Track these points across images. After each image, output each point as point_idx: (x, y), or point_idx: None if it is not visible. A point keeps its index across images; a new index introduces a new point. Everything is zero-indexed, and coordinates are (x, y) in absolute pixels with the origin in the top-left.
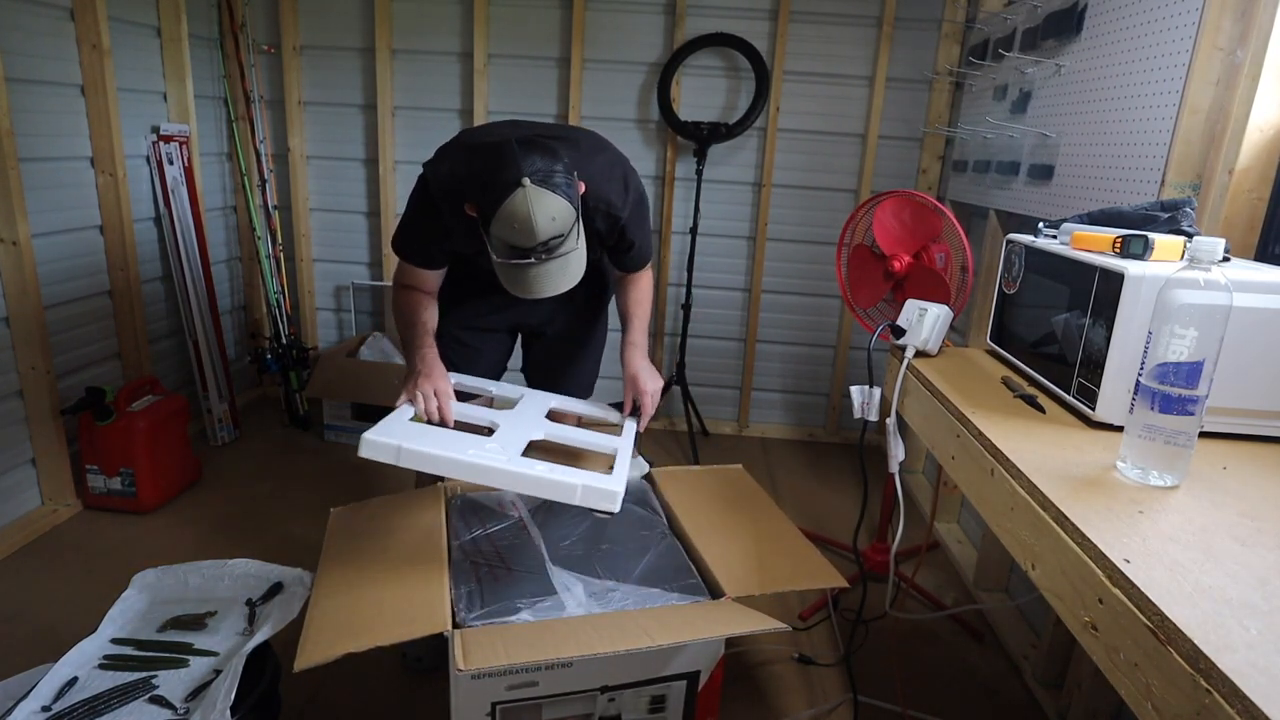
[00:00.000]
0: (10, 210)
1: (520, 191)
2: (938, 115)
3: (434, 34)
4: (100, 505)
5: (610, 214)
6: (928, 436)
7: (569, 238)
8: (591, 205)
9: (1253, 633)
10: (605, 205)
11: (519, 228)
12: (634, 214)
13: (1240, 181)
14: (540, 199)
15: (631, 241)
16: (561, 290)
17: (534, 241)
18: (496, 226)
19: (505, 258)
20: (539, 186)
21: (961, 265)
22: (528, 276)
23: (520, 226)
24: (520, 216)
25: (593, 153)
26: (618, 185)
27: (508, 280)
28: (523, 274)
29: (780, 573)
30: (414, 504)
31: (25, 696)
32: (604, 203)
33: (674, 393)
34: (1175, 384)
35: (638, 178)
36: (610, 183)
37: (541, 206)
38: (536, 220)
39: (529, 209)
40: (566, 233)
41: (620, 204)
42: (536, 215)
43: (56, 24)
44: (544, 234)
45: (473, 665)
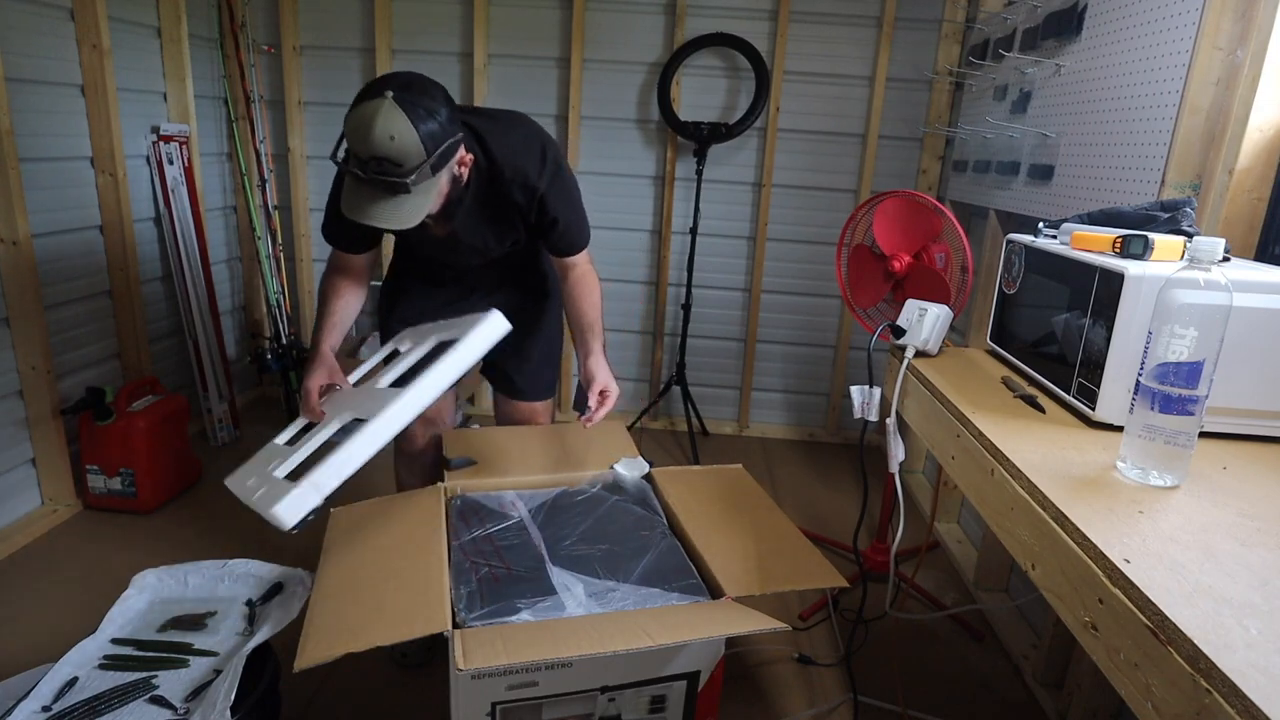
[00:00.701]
0: (10, 210)
1: (377, 100)
2: (938, 115)
3: (434, 34)
4: (100, 505)
5: (526, 184)
6: (928, 436)
7: (410, 172)
8: (508, 177)
9: (1253, 633)
10: (521, 176)
11: (358, 129)
12: (553, 186)
13: (1240, 181)
14: (390, 114)
15: (555, 218)
16: (385, 225)
17: (367, 151)
18: (346, 128)
19: (342, 163)
20: (396, 104)
21: (961, 265)
22: (357, 193)
23: (360, 129)
24: (364, 119)
25: (511, 127)
26: (534, 157)
27: (344, 196)
28: (353, 190)
29: (780, 573)
30: (414, 504)
31: (25, 696)
32: (520, 174)
33: (674, 393)
34: (1175, 384)
35: (559, 154)
36: (526, 154)
37: (387, 119)
38: (375, 128)
39: (374, 115)
40: (405, 164)
41: (535, 174)
42: (377, 123)
43: (56, 24)
44: (377, 147)
45: (473, 665)
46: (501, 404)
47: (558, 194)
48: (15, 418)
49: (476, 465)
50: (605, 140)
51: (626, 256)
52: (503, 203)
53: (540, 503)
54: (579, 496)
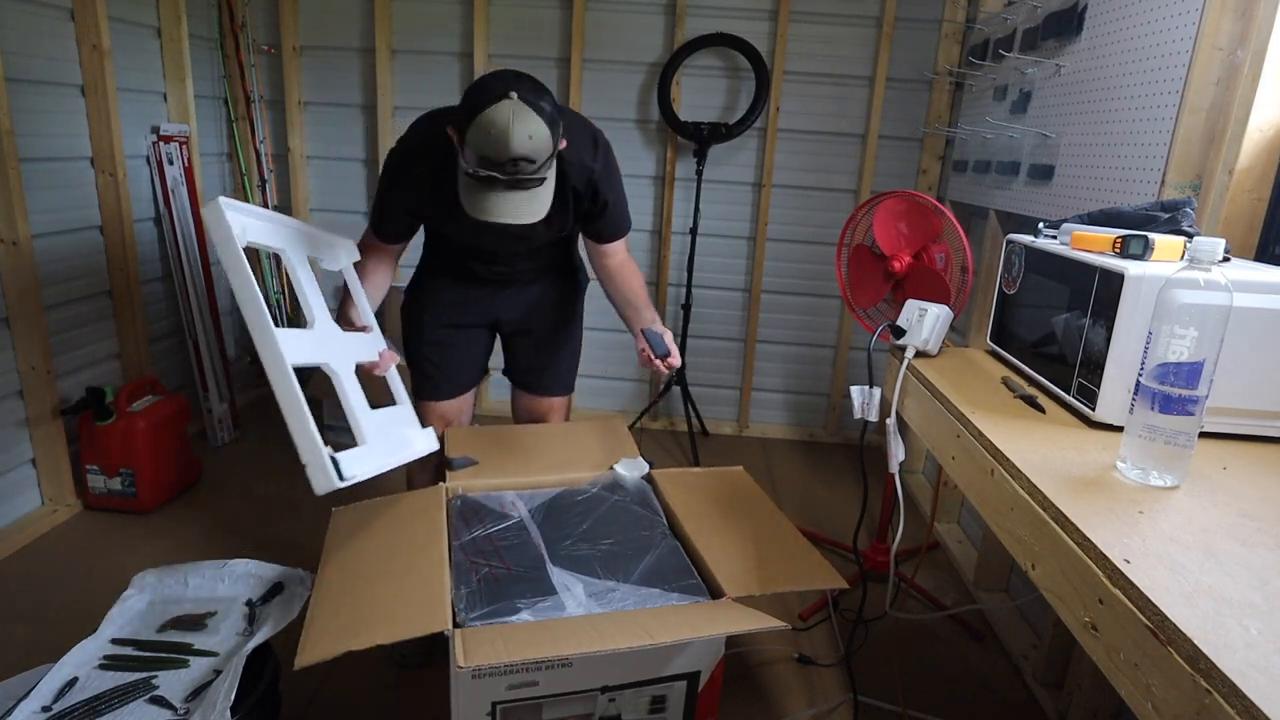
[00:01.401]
0: (10, 210)
1: (506, 102)
2: (938, 115)
3: (434, 34)
4: (100, 505)
5: (584, 167)
6: (928, 436)
7: (540, 166)
8: (566, 160)
9: (1253, 633)
10: (579, 159)
11: (495, 134)
12: (605, 168)
13: (1240, 181)
14: (522, 113)
15: (606, 200)
16: (523, 220)
17: (507, 154)
18: (473, 134)
19: (475, 168)
20: (524, 103)
21: (961, 265)
22: (491, 196)
23: (496, 134)
24: (499, 123)
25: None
26: (588, 141)
27: (471, 200)
28: (487, 193)
29: (780, 573)
30: (414, 504)
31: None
32: (577, 157)
33: (674, 393)
34: (1175, 384)
35: (607, 139)
36: (582, 139)
37: (522, 120)
38: (514, 130)
39: (509, 118)
40: (539, 160)
41: (590, 157)
42: (515, 126)
43: (56, 24)
44: (518, 149)
45: (473, 663)
46: (520, 398)
47: (609, 178)
48: (15, 418)
49: (478, 465)
50: None
51: None
52: (561, 186)
53: (540, 503)
54: (579, 496)
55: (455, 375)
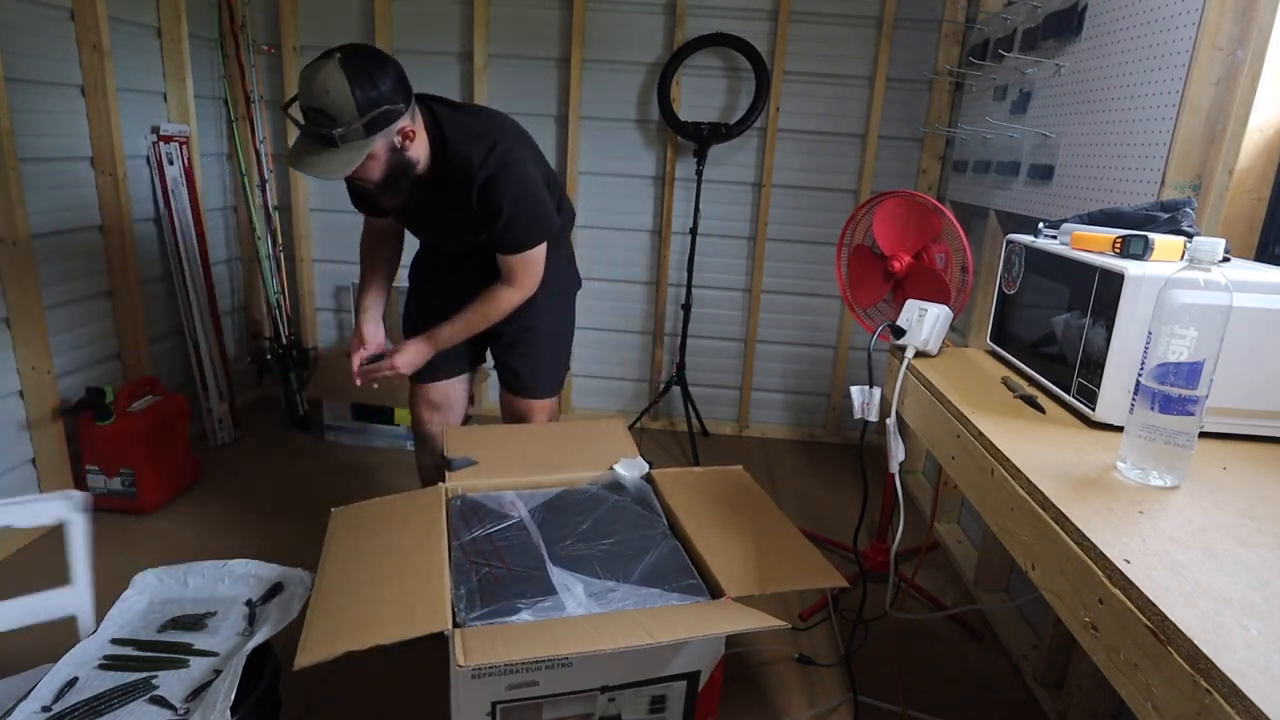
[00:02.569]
0: (10, 210)
1: (325, 59)
2: (938, 115)
3: (434, 34)
4: (100, 506)
5: (467, 172)
6: (928, 436)
7: (340, 125)
8: (451, 162)
9: (1253, 633)
10: (462, 163)
11: (303, 81)
12: (496, 178)
13: (1240, 181)
14: (332, 71)
15: (499, 207)
16: (312, 173)
17: (306, 102)
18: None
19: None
20: (339, 65)
21: (961, 265)
22: (297, 143)
23: (304, 80)
24: (307, 72)
25: (474, 118)
26: (482, 146)
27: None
28: (297, 141)
29: (780, 573)
30: (414, 504)
31: (25, 696)
32: (462, 160)
33: (674, 393)
34: (1175, 384)
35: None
36: (476, 144)
37: (326, 75)
38: (314, 81)
39: (317, 70)
40: (338, 119)
41: (478, 164)
42: (316, 76)
43: (56, 24)
44: (313, 98)
45: (473, 662)
46: (502, 397)
47: (505, 190)
48: (15, 418)
49: (476, 465)
50: (605, 140)
51: (626, 256)
52: (450, 188)
53: (540, 503)
54: (579, 496)
55: (437, 362)
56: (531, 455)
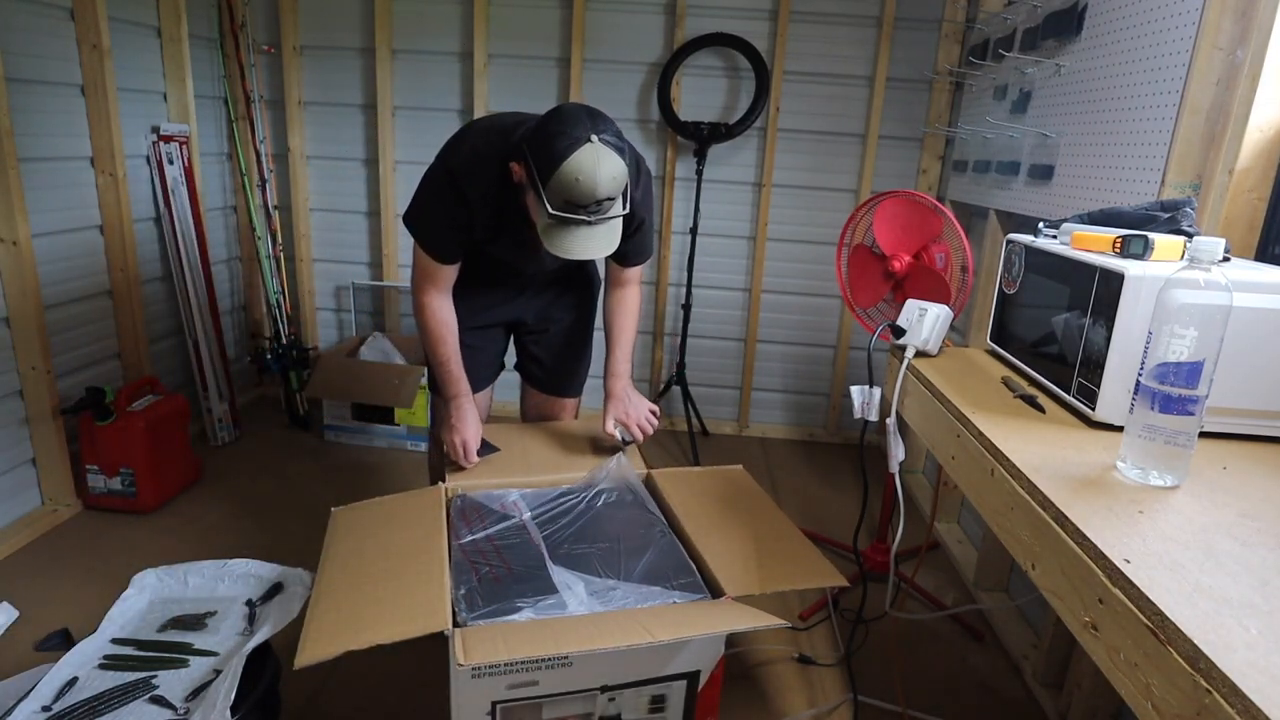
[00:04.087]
0: (10, 210)
1: (590, 146)
2: (938, 115)
3: (434, 34)
4: (100, 505)
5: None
6: (928, 436)
7: (618, 202)
8: None
9: (1253, 633)
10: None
11: (583, 180)
12: (645, 194)
13: (1240, 181)
14: (607, 156)
15: (641, 221)
16: (604, 254)
17: (593, 198)
18: (558, 181)
19: (560, 212)
20: (604, 145)
21: (961, 265)
22: (577, 235)
23: (584, 180)
24: (586, 170)
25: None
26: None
27: (551, 239)
28: (572, 233)
29: (780, 572)
30: (414, 504)
31: (25, 696)
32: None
33: (674, 393)
34: (1175, 384)
35: (646, 163)
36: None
37: (607, 163)
38: (600, 175)
39: (596, 163)
40: (619, 196)
41: (635, 184)
42: (601, 170)
43: (56, 24)
44: (604, 191)
45: (473, 660)
46: (531, 397)
47: (647, 202)
48: (15, 418)
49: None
50: None
51: None
52: None
53: (540, 502)
54: (579, 496)
55: (475, 375)
56: (532, 455)
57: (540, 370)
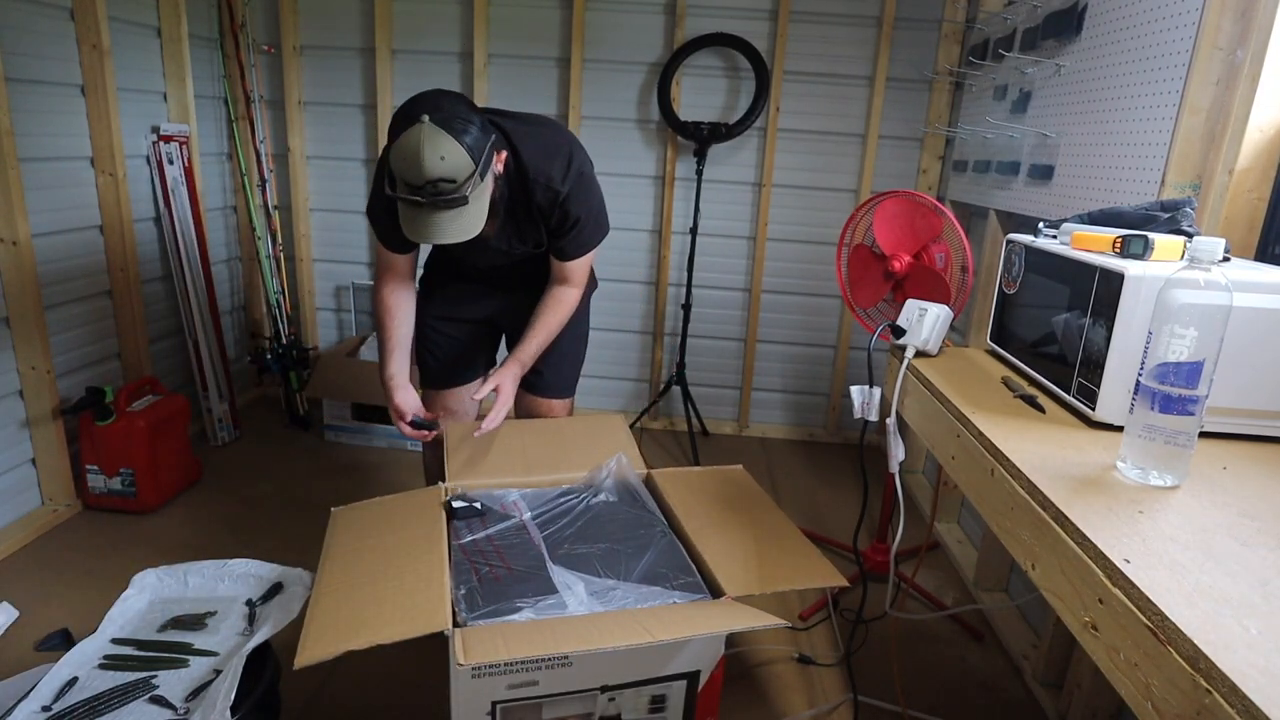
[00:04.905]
0: (10, 210)
1: (417, 127)
2: (938, 115)
3: (434, 34)
4: (100, 505)
5: (550, 187)
6: (928, 436)
7: (462, 186)
8: (532, 178)
9: (1253, 633)
10: (545, 179)
11: (408, 160)
12: (576, 191)
13: (1240, 181)
14: (434, 136)
15: (576, 218)
16: (451, 239)
17: (422, 178)
18: (393, 160)
19: (396, 193)
20: (435, 126)
21: (961, 265)
22: (420, 217)
23: (409, 159)
24: (410, 149)
25: (538, 129)
26: (560, 161)
27: (404, 221)
28: (413, 214)
29: (780, 572)
30: (414, 504)
31: (25, 696)
32: (543, 175)
33: (674, 393)
34: (1175, 384)
35: (585, 162)
36: (552, 158)
37: (433, 144)
38: (425, 154)
39: (419, 142)
40: (459, 180)
41: (560, 178)
42: (425, 150)
43: (56, 24)
44: (431, 172)
45: (473, 660)
46: (522, 398)
47: (582, 199)
48: (15, 418)
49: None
50: (605, 140)
51: (626, 256)
52: (527, 203)
53: (540, 502)
54: (579, 496)
55: (454, 367)
56: (531, 454)
57: (531, 372)
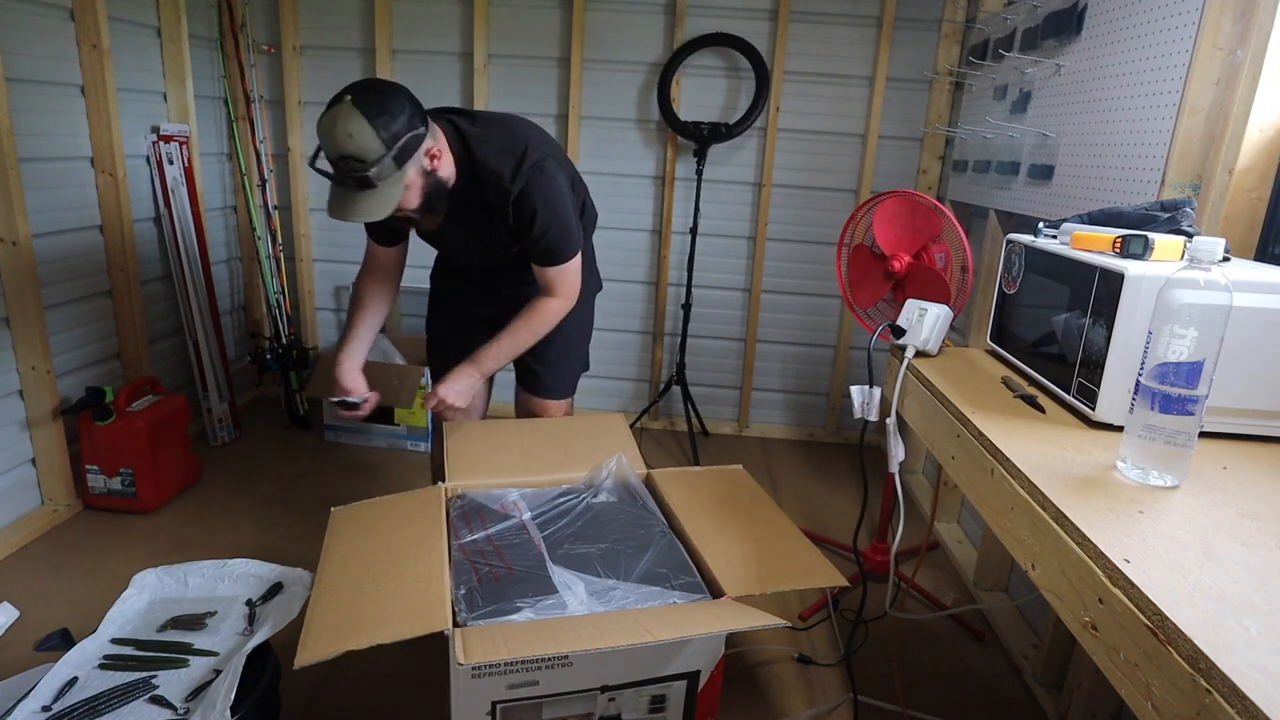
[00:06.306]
0: (10, 210)
1: (337, 104)
2: (938, 115)
3: (434, 34)
4: (100, 505)
5: (499, 186)
6: (928, 436)
7: (373, 166)
8: (483, 178)
9: (1253, 633)
10: (494, 177)
11: (323, 132)
12: (529, 189)
13: (1240, 181)
14: (348, 116)
15: (532, 215)
16: (355, 219)
17: (333, 151)
18: (318, 133)
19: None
20: (353, 106)
21: (961, 265)
22: (333, 193)
23: (324, 131)
24: (325, 123)
25: (499, 129)
26: (510, 158)
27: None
28: (333, 190)
29: (780, 572)
30: (414, 504)
31: (25, 696)
32: (493, 175)
33: (674, 393)
34: (1175, 384)
35: (540, 158)
36: (504, 156)
37: (345, 122)
38: (335, 131)
39: (335, 118)
40: (368, 160)
41: (508, 176)
42: (338, 125)
43: (56, 24)
44: (340, 148)
45: (473, 660)
46: (521, 397)
47: (537, 200)
48: (15, 418)
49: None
50: (605, 140)
51: (626, 256)
52: (483, 200)
53: (540, 502)
54: (578, 496)
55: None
56: (531, 454)
57: (527, 372)
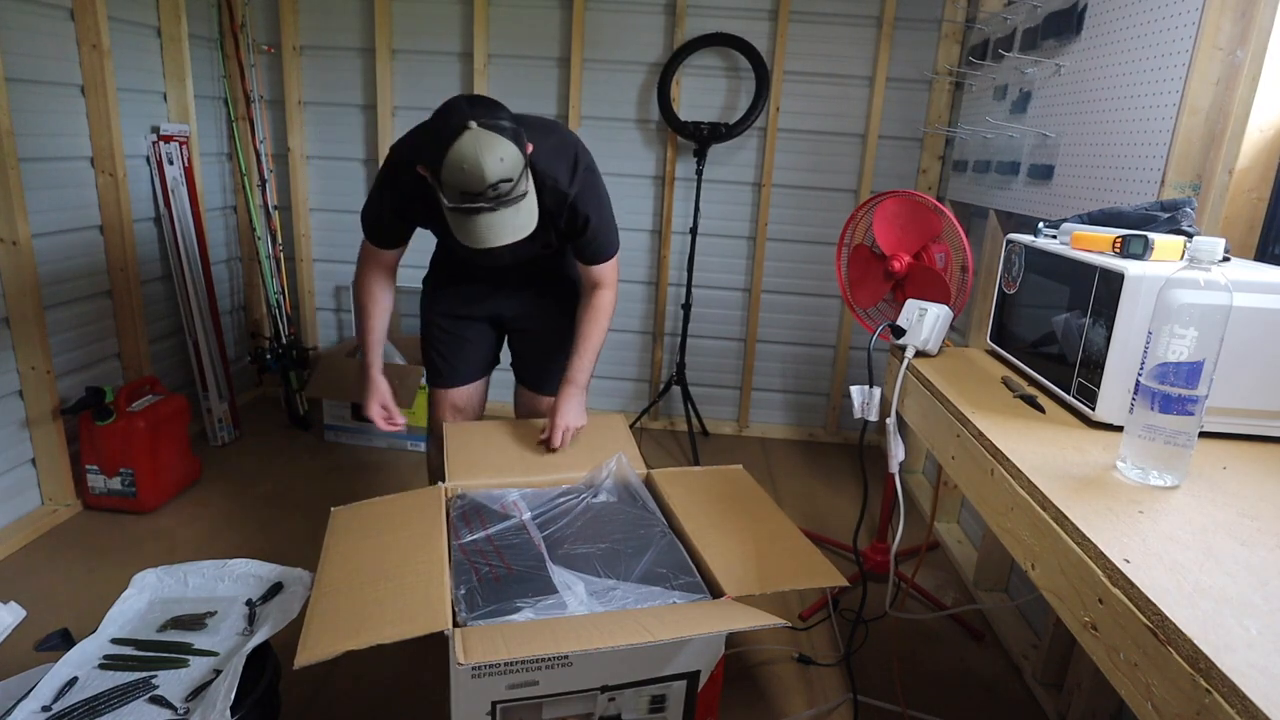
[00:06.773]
0: (10, 210)
1: (468, 134)
2: (938, 115)
3: (434, 34)
4: (100, 505)
5: (557, 189)
6: (928, 436)
7: (518, 182)
8: (539, 181)
9: (1253, 633)
10: (552, 180)
11: (468, 169)
12: (584, 191)
13: (1240, 181)
14: (488, 140)
15: (586, 218)
16: (515, 238)
17: (484, 183)
18: (447, 173)
19: (458, 204)
20: (485, 129)
21: (961, 265)
22: (480, 224)
23: (469, 167)
24: (469, 157)
25: (546, 133)
26: (565, 162)
27: (461, 230)
28: (475, 221)
29: (780, 572)
30: (414, 504)
31: (25, 696)
32: (550, 178)
33: (674, 393)
34: (1175, 384)
35: (591, 161)
36: (558, 159)
37: (489, 147)
38: (484, 160)
39: (476, 149)
40: (515, 177)
41: (566, 180)
42: (484, 155)
43: (56, 24)
44: (493, 175)
45: (473, 659)
46: (522, 395)
47: (589, 199)
48: (15, 418)
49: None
50: (605, 140)
51: (627, 256)
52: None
53: (540, 502)
54: (578, 496)
55: (460, 365)
56: (531, 454)
57: (525, 367)
